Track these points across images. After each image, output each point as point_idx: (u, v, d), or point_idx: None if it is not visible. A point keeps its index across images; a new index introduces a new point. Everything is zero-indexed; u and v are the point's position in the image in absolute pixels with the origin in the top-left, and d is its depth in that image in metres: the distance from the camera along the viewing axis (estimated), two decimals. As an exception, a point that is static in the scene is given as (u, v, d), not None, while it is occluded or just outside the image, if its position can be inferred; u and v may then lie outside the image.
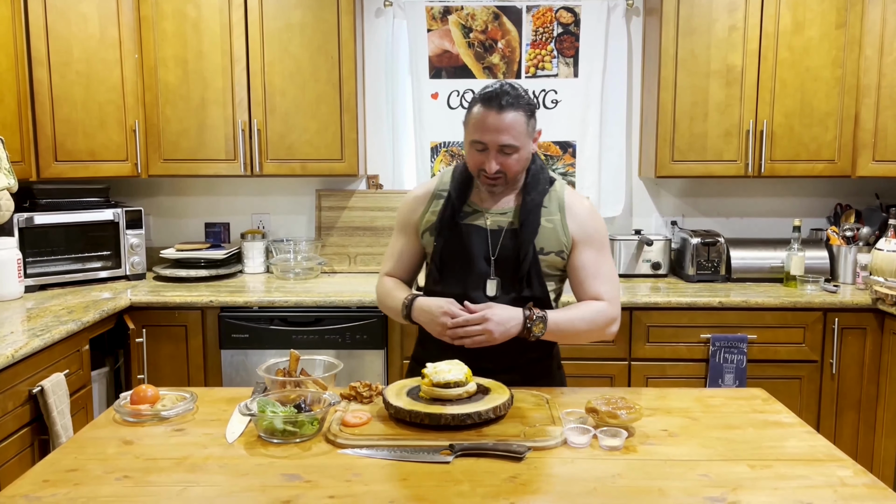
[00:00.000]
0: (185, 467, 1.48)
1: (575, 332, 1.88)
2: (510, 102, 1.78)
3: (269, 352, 3.05)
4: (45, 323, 2.60)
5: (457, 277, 1.92)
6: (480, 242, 1.90)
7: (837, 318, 3.08)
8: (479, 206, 1.94)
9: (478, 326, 1.75)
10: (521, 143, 1.81)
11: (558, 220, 1.91)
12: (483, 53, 3.65)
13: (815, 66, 3.29)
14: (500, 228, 1.91)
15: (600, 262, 1.92)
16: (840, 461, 1.51)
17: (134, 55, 3.31)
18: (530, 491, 1.37)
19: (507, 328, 1.78)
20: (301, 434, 1.59)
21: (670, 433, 1.65)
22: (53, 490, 1.38)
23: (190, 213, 3.81)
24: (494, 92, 1.80)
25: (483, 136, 1.80)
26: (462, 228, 1.91)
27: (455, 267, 1.92)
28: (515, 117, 1.78)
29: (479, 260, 1.89)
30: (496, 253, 1.89)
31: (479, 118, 1.80)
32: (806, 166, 3.36)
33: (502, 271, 1.89)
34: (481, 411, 1.62)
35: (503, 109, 1.77)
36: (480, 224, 1.92)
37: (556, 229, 1.90)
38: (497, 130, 1.78)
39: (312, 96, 3.36)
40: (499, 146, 1.80)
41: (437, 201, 1.97)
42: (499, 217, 1.92)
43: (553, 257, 1.91)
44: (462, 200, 1.93)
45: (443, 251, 1.92)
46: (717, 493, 1.37)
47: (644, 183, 3.78)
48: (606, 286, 1.92)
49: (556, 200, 1.92)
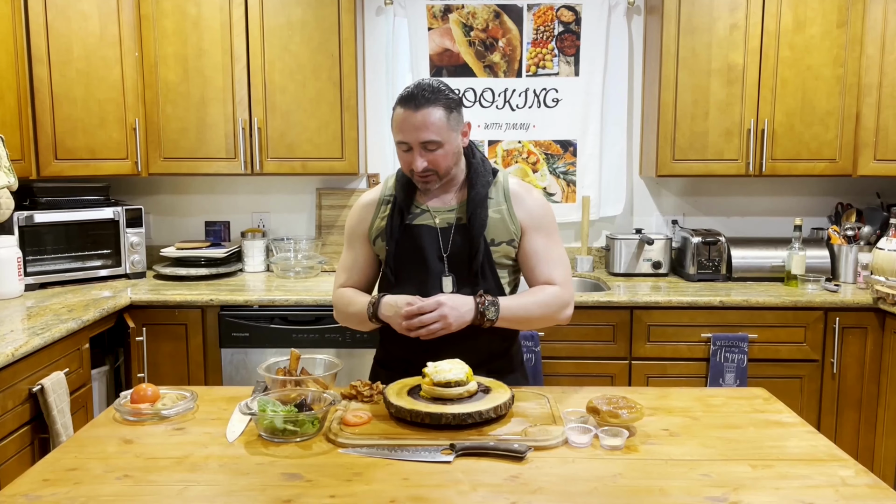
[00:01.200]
0: (186, 466, 1.48)
1: (528, 316, 1.90)
2: (426, 98, 1.80)
3: (269, 350, 3.05)
4: (45, 321, 2.60)
5: (412, 279, 1.92)
6: (432, 241, 1.92)
7: (838, 317, 3.07)
8: (426, 206, 1.95)
9: (433, 314, 1.76)
10: (442, 137, 1.82)
11: (505, 210, 1.93)
12: (484, 52, 3.65)
13: (816, 65, 3.29)
14: (449, 225, 1.92)
15: (550, 247, 1.95)
16: (841, 461, 1.50)
17: (134, 53, 3.30)
18: (531, 490, 1.37)
19: (461, 313, 1.79)
20: (302, 433, 1.59)
21: (671, 433, 1.65)
22: (54, 489, 1.38)
23: (190, 212, 3.80)
24: (410, 91, 1.82)
25: (404, 136, 1.82)
26: (413, 230, 1.93)
27: (410, 268, 1.93)
28: (433, 113, 1.80)
29: (433, 259, 1.91)
30: (448, 250, 1.91)
31: (399, 119, 1.83)
32: (807, 165, 3.36)
33: (456, 267, 1.91)
34: (482, 411, 1.62)
35: (419, 107, 1.79)
36: (430, 223, 1.93)
37: (504, 219, 1.92)
38: (415, 128, 1.80)
39: (313, 94, 3.35)
40: (420, 143, 1.81)
41: (385, 207, 1.98)
42: (447, 214, 1.94)
43: (504, 247, 1.93)
44: (409, 202, 1.95)
45: (396, 254, 1.94)
46: (718, 492, 1.36)
47: (645, 182, 3.77)
48: (558, 270, 1.94)
49: (502, 190, 1.95)
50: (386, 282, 1.99)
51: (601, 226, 3.79)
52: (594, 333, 3.11)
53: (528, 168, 3.72)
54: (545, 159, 3.71)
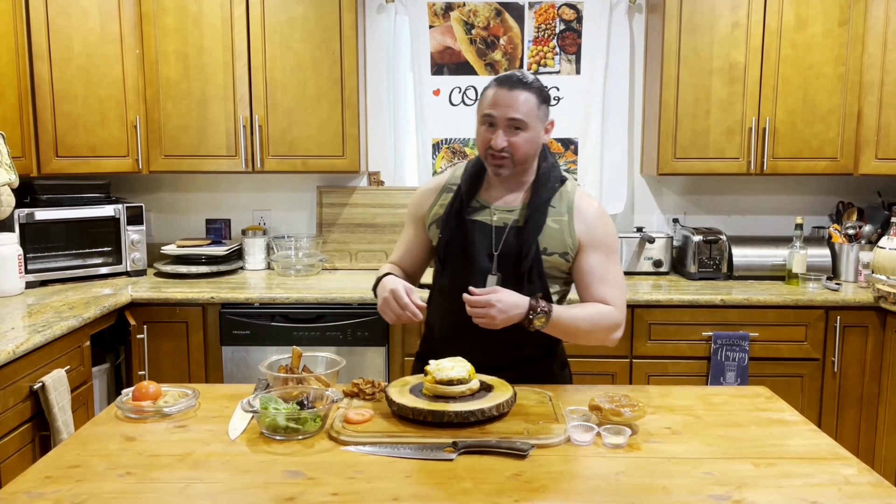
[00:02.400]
0: (188, 464, 1.48)
1: (577, 330, 1.86)
2: (522, 82, 1.81)
3: (270, 348, 3.05)
4: (45, 319, 2.59)
5: (458, 271, 1.91)
6: (484, 238, 1.89)
7: (839, 316, 3.07)
8: (488, 202, 1.93)
9: (481, 310, 1.73)
10: (530, 121, 1.81)
11: (566, 222, 1.89)
12: (485, 50, 3.64)
13: (817, 64, 3.29)
14: (504, 225, 1.90)
15: (607, 267, 1.90)
16: (844, 459, 1.50)
17: (135, 50, 3.30)
18: (534, 489, 1.37)
19: (510, 315, 1.75)
20: (304, 431, 1.59)
21: (674, 431, 1.65)
22: (56, 487, 1.38)
23: (191, 210, 3.80)
24: (508, 74, 1.84)
25: (493, 110, 1.81)
26: (467, 223, 1.91)
27: (457, 261, 1.92)
28: (526, 96, 1.80)
29: (482, 255, 1.88)
30: (499, 249, 1.88)
31: (490, 95, 1.83)
32: (808, 164, 3.36)
33: (504, 268, 1.88)
34: (484, 409, 1.62)
35: (514, 87, 1.80)
36: (486, 220, 1.91)
37: (563, 230, 1.88)
38: (506, 104, 1.80)
39: (314, 92, 3.35)
40: (507, 120, 1.80)
41: (447, 195, 1.97)
42: (505, 214, 1.91)
43: (556, 258, 1.88)
44: (471, 194, 1.93)
45: (446, 244, 1.92)
46: (721, 490, 1.36)
47: (646, 180, 3.77)
48: (613, 291, 1.89)
49: (566, 201, 1.90)
50: (435, 269, 2.00)
51: (602, 224, 3.78)
52: (595, 332, 3.10)
53: (529, 166, 3.71)
54: (546, 157, 3.70)
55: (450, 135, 3.69)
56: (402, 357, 3.12)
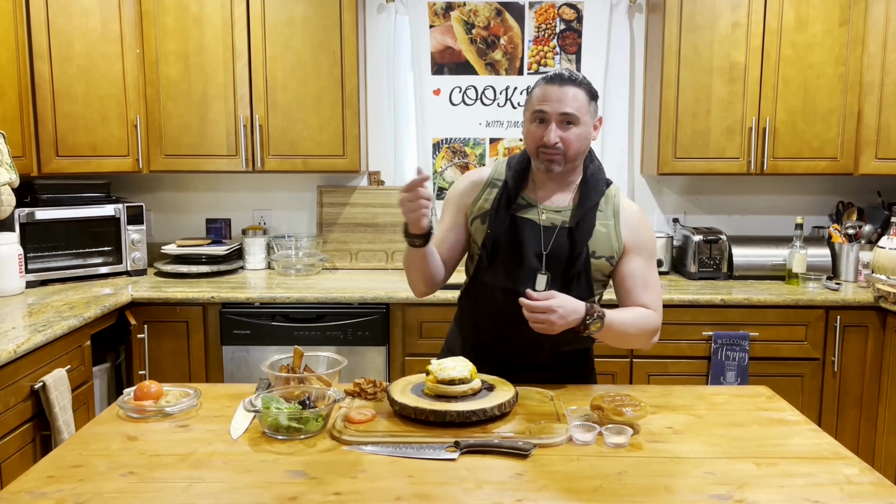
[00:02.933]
0: (190, 463, 1.48)
1: (625, 335, 1.86)
2: (572, 79, 1.82)
3: (270, 348, 3.05)
4: (46, 318, 2.59)
5: (506, 268, 1.88)
6: (533, 236, 1.87)
7: (839, 315, 3.08)
8: (534, 201, 1.91)
9: (541, 315, 1.70)
10: (581, 116, 1.80)
11: (612, 226, 1.89)
12: (485, 50, 3.64)
13: (818, 63, 3.29)
14: (553, 226, 1.88)
15: (648, 272, 1.91)
16: (846, 459, 1.51)
17: (135, 50, 3.30)
18: (536, 488, 1.37)
19: (568, 322, 1.73)
20: (306, 430, 1.59)
21: (675, 430, 1.65)
22: (58, 486, 1.38)
23: (191, 209, 3.80)
24: (558, 72, 1.84)
25: (544, 105, 1.80)
26: (516, 220, 1.88)
27: (505, 257, 1.88)
28: (576, 92, 1.80)
29: (530, 254, 1.86)
30: (548, 249, 1.86)
31: (541, 92, 1.83)
32: (808, 164, 3.36)
33: (552, 269, 1.86)
34: (486, 408, 1.62)
35: (564, 84, 1.80)
36: (534, 218, 1.88)
37: (610, 234, 1.88)
38: (558, 100, 1.79)
39: (314, 92, 3.35)
40: (560, 114, 1.79)
41: (491, 190, 1.94)
42: (553, 214, 1.89)
43: (603, 262, 1.88)
44: (517, 192, 1.91)
45: (495, 239, 1.89)
46: (723, 490, 1.36)
47: (646, 180, 3.77)
48: (653, 296, 1.90)
49: (612, 205, 1.91)
50: (479, 265, 1.93)
51: (602, 224, 3.78)
52: (595, 331, 3.10)
53: (530, 166, 3.71)
54: (546, 157, 3.70)
55: (450, 134, 3.69)
56: (402, 357, 3.12)
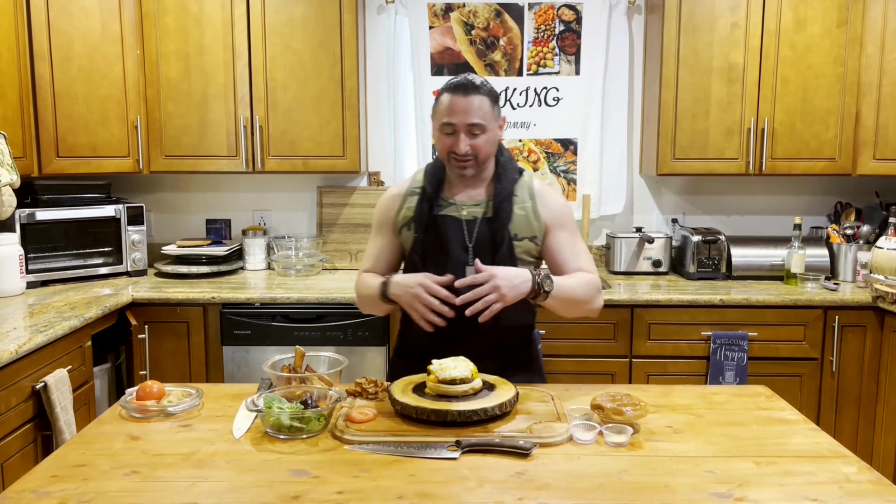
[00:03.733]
0: (193, 463, 1.48)
1: (574, 295, 1.92)
2: (475, 87, 1.91)
3: (270, 348, 3.06)
4: (47, 319, 2.60)
5: (437, 267, 1.96)
6: (457, 232, 1.98)
7: (838, 315, 3.09)
8: (453, 199, 2.02)
9: (486, 285, 1.75)
10: (487, 123, 1.91)
11: (530, 208, 2.00)
12: (485, 51, 3.65)
13: (816, 64, 3.30)
14: (474, 218, 1.99)
15: (575, 242, 2.03)
16: (845, 458, 1.52)
17: (136, 50, 3.30)
18: (537, 487, 1.38)
19: (516, 285, 1.78)
20: (307, 430, 1.60)
21: (675, 430, 1.66)
22: (62, 485, 1.39)
23: (191, 210, 3.81)
24: (460, 81, 1.92)
25: (452, 118, 1.90)
26: (439, 220, 1.99)
27: (435, 257, 1.99)
28: (481, 100, 1.90)
29: (458, 248, 1.97)
30: (473, 241, 1.97)
31: (447, 103, 1.92)
32: (807, 164, 3.37)
33: (479, 258, 1.91)
34: (487, 408, 1.63)
35: (469, 93, 1.90)
36: (456, 215, 2.00)
37: (528, 216, 1.99)
38: (465, 112, 1.89)
39: (314, 92, 3.35)
40: (467, 126, 1.89)
41: (412, 198, 2.05)
42: (473, 208, 2.00)
43: (527, 243, 1.99)
44: (436, 194, 2.02)
45: (423, 243, 2.00)
46: (723, 489, 1.37)
47: (645, 180, 3.78)
48: (587, 262, 2.02)
49: (527, 189, 2.02)
50: (412, 269, 2.03)
51: (601, 224, 3.80)
52: (595, 331, 3.12)
53: (529, 166, 3.72)
54: (546, 158, 3.72)
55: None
56: (402, 357, 3.12)
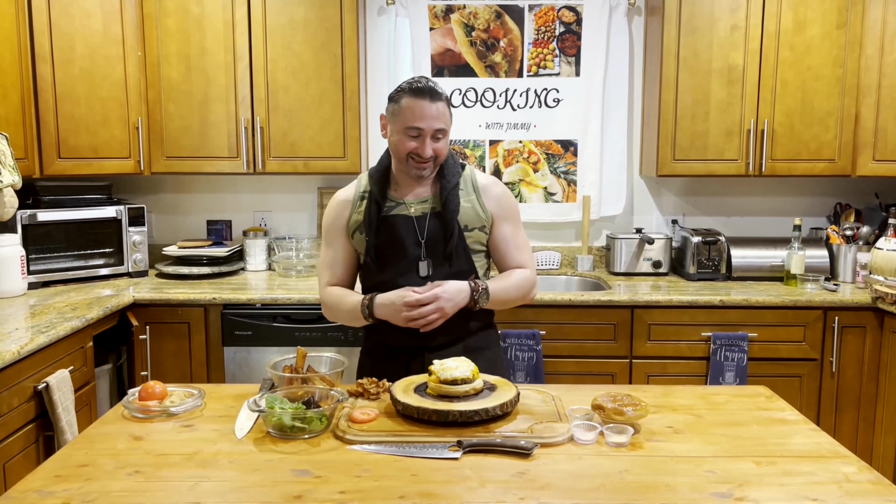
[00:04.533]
0: (196, 462, 1.49)
1: (508, 299, 2.08)
2: (437, 92, 1.97)
3: (271, 349, 3.07)
4: (49, 320, 2.60)
5: (392, 265, 2.04)
6: (408, 229, 2.03)
7: (837, 316, 3.10)
8: (400, 199, 2.07)
9: (430, 306, 1.90)
10: (448, 127, 2.00)
11: (474, 199, 2.07)
12: (485, 52, 3.66)
13: (815, 66, 3.31)
14: (424, 214, 2.05)
15: (517, 234, 2.12)
16: (844, 458, 1.52)
17: (137, 52, 3.31)
18: (539, 486, 1.38)
19: (457, 302, 1.95)
20: (310, 430, 1.60)
21: (676, 430, 1.66)
22: (66, 485, 1.39)
23: (192, 211, 3.81)
24: (424, 85, 1.97)
25: (420, 123, 1.94)
26: (390, 220, 2.04)
27: (390, 256, 2.05)
28: (442, 106, 1.97)
29: (411, 245, 2.03)
30: (425, 235, 2.03)
31: (415, 107, 1.95)
32: (806, 165, 3.38)
33: (432, 252, 2.04)
34: (488, 408, 1.63)
35: (434, 100, 1.95)
36: (406, 213, 2.05)
37: (475, 207, 2.06)
38: (432, 117, 1.95)
39: (315, 94, 3.36)
40: (434, 131, 1.96)
41: (361, 202, 2.09)
42: (421, 205, 2.06)
43: (477, 233, 2.06)
44: (383, 196, 2.07)
45: (377, 244, 2.05)
46: (723, 488, 1.38)
47: (645, 181, 3.79)
48: (526, 255, 2.13)
49: (470, 182, 2.09)
50: (367, 271, 2.09)
51: (602, 225, 3.81)
52: (595, 332, 3.13)
53: (529, 168, 3.73)
54: (546, 159, 3.73)
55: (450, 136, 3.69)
56: (403, 357, 3.13)
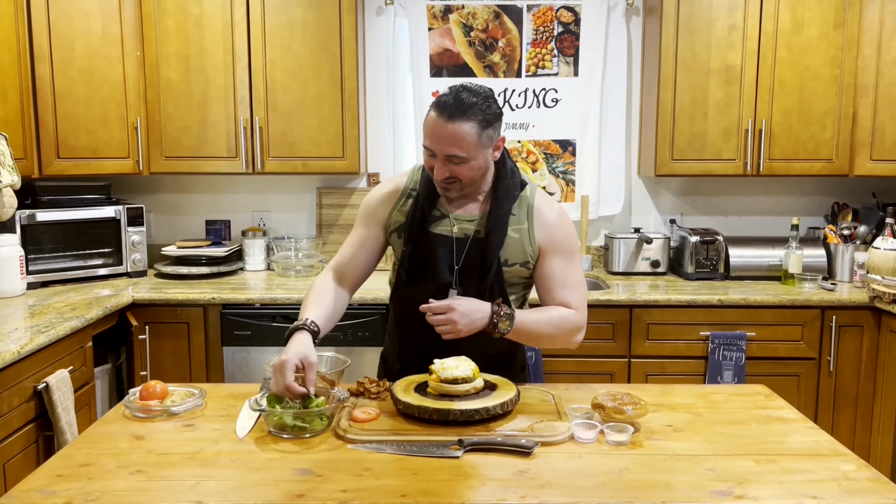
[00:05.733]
0: (198, 462, 1.49)
1: (539, 334, 1.84)
2: (462, 111, 1.70)
3: (270, 349, 3.07)
4: (48, 320, 2.61)
5: (420, 286, 1.88)
6: (446, 251, 1.85)
7: (835, 315, 3.11)
8: (447, 211, 1.88)
9: (441, 316, 1.71)
10: (470, 154, 1.73)
11: (525, 230, 1.86)
12: (484, 52, 3.67)
13: (813, 66, 3.32)
14: (466, 237, 1.85)
15: (569, 271, 1.88)
16: (843, 456, 1.53)
17: (136, 52, 3.31)
18: (539, 485, 1.39)
19: (473, 320, 1.72)
20: (311, 429, 1.61)
21: (675, 428, 1.67)
22: (68, 484, 1.39)
23: (191, 211, 3.81)
24: (447, 99, 1.72)
25: (431, 144, 1.75)
26: (430, 236, 1.86)
27: (421, 275, 1.88)
28: (464, 128, 1.70)
29: (444, 269, 1.85)
30: (460, 262, 1.84)
31: (430, 124, 1.74)
32: (804, 165, 3.39)
33: (465, 281, 1.85)
34: (489, 407, 1.64)
35: (452, 119, 1.70)
36: (446, 232, 1.86)
37: (523, 239, 1.86)
38: (442, 140, 1.72)
39: (314, 94, 3.36)
40: (445, 156, 1.74)
41: (407, 200, 1.92)
42: (466, 224, 1.86)
43: (517, 268, 1.87)
44: (431, 204, 1.87)
45: (411, 258, 1.87)
46: (723, 486, 1.39)
47: (643, 181, 3.80)
48: (575, 294, 1.87)
49: (526, 207, 1.87)
50: (399, 282, 1.94)
51: (600, 225, 3.81)
52: (594, 331, 3.12)
53: (528, 167, 3.74)
54: (544, 159, 3.73)
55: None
56: (402, 357, 3.13)
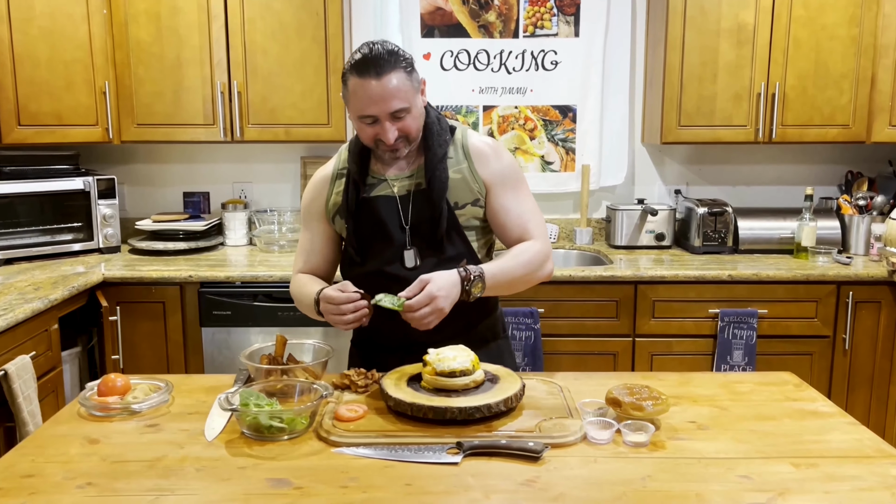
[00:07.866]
0: (158, 471, 1.30)
1: (512, 279, 1.75)
2: (387, 62, 1.61)
3: (252, 329, 2.87)
4: (8, 301, 2.40)
5: (376, 254, 1.78)
6: (392, 212, 1.76)
7: (851, 291, 2.94)
8: (383, 175, 1.79)
9: (426, 309, 1.57)
10: (410, 101, 1.65)
11: (466, 168, 1.77)
12: (478, 11, 3.43)
13: (830, 25, 3.11)
14: (408, 192, 1.76)
15: (520, 200, 1.81)
16: (891, 457, 1.35)
17: (102, 10, 3.06)
18: (552, 497, 1.21)
19: (451, 294, 1.61)
20: (289, 431, 1.42)
21: (699, 426, 1.49)
22: (5, 500, 1.20)
23: (167, 182, 3.59)
24: (367, 58, 1.61)
25: (370, 109, 1.63)
26: (371, 203, 1.76)
27: (373, 244, 1.78)
28: (397, 78, 1.62)
29: (396, 230, 1.76)
30: (410, 219, 1.75)
31: (359, 90, 1.62)
32: (819, 131, 3.19)
33: (420, 237, 1.76)
34: (491, 403, 1.45)
35: (381, 75, 1.60)
36: (388, 193, 1.77)
37: (466, 178, 1.77)
38: (382, 99, 1.62)
39: (297, 56, 3.13)
40: (390, 114, 1.63)
41: (339, 181, 1.83)
42: (405, 181, 1.77)
43: (470, 208, 1.78)
44: (364, 174, 1.78)
45: (357, 231, 1.78)
46: (762, 498, 1.21)
47: (647, 149, 3.59)
48: (532, 224, 1.80)
49: (461, 148, 1.79)
50: (349, 261, 1.84)
51: (601, 196, 3.61)
52: (596, 309, 2.95)
53: (525, 135, 3.52)
54: (543, 126, 3.52)
55: (441, 101, 3.49)
56: (393, 337, 2.95)
